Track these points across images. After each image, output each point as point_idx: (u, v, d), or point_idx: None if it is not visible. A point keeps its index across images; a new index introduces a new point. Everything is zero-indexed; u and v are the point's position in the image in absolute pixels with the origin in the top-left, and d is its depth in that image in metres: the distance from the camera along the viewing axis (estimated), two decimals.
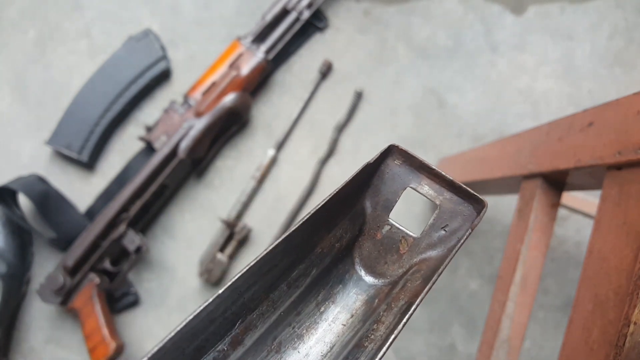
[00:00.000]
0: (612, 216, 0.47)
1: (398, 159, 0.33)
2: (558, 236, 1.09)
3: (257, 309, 0.31)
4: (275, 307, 0.32)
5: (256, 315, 0.31)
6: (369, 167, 0.32)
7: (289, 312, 0.33)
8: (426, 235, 0.34)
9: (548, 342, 1.07)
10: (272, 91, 1.16)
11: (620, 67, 1.14)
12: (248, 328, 0.31)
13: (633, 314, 0.40)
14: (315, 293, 0.34)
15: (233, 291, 0.29)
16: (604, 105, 0.50)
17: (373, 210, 0.35)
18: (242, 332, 0.31)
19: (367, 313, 0.34)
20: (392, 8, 1.18)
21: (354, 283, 0.35)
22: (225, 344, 0.30)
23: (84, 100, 1.10)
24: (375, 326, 0.32)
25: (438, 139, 1.13)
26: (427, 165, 0.32)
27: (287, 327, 0.33)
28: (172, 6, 1.18)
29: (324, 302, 0.34)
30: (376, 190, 0.34)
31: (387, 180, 0.34)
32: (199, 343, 0.29)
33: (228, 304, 0.29)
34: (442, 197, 0.33)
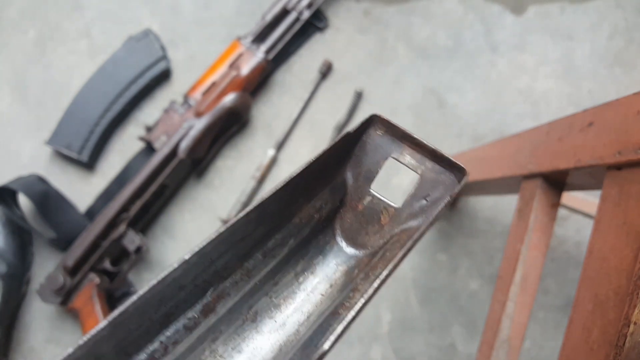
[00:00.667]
0: (612, 216, 0.46)
1: (380, 128, 0.33)
2: (558, 236, 1.09)
3: (230, 277, 0.31)
4: (250, 276, 0.32)
5: (229, 284, 0.31)
6: (350, 136, 0.32)
7: (266, 281, 0.32)
8: (407, 205, 0.33)
9: (548, 342, 1.07)
10: (272, 91, 1.16)
11: (620, 67, 1.14)
12: (220, 296, 0.31)
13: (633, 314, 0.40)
14: (293, 263, 0.34)
15: (202, 257, 0.28)
16: (604, 105, 0.50)
17: (354, 182, 0.34)
18: (215, 300, 0.30)
19: (346, 283, 0.33)
20: (392, 8, 1.18)
21: (334, 254, 0.35)
22: (196, 312, 0.30)
23: (84, 100, 1.10)
24: (352, 294, 0.32)
25: (438, 139, 1.13)
26: (409, 134, 0.32)
27: (264, 296, 0.32)
28: (172, 6, 1.18)
29: (302, 272, 0.34)
30: (358, 161, 0.34)
31: (368, 150, 0.33)
32: (167, 310, 0.28)
33: (198, 271, 0.29)
34: (423, 167, 0.32)
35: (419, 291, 1.07)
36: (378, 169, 0.33)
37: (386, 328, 1.06)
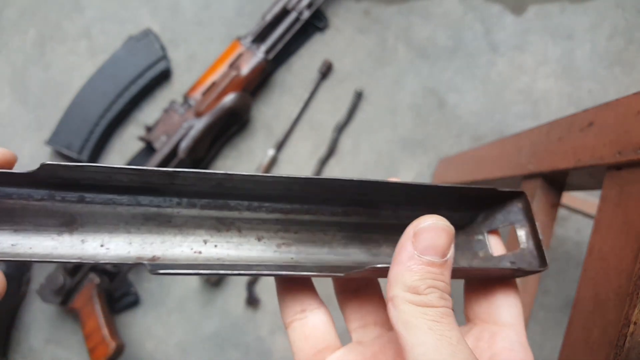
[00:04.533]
0: (612, 216, 0.46)
1: (521, 203, 0.40)
2: (558, 236, 1.09)
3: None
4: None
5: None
6: (495, 192, 0.39)
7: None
8: (498, 258, 0.40)
9: (548, 342, 1.07)
10: (272, 91, 1.16)
11: (620, 67, 1.14)
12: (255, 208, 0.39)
13: (633, 314, 0.40)
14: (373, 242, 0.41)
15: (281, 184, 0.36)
16: (604, 105, 0.50)
17: (482, 220, 0.41)
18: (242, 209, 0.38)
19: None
20: (392, 8, 1.18)
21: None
22: (242, 206, 0.38)
23: (84, 100, 1.10)
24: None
25: (438, 139, 1.13)
26: (534, 220, 0.39)
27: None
28: (172, 6, 1.18)
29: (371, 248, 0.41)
30: (493, 210, 0.41)
31: (504, 209, 0.41)
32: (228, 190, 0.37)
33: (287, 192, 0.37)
34: (526, 246, 0.39)
35: None
36: (499, 225, 0.41)
37: None
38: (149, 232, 0.35)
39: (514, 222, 0.40)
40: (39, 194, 0.34)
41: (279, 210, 0.38)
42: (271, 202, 0.38)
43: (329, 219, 0.39)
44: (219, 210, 0.37)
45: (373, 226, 0.40)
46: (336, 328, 0.38)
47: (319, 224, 0.39)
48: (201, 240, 0.36)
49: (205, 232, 0.37)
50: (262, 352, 1.06)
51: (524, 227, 0.39)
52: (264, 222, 0.38)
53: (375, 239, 0.40)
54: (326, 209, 0.39)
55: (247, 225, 0.38)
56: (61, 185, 0.34)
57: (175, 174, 0.33)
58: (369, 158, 1.13)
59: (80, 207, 0.35)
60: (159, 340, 1.07)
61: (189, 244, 0.36)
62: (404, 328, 0.28)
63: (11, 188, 0.34)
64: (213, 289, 1.08)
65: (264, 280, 1.09)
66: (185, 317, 1.08)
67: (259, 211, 0.38)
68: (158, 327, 1.07)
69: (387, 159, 1.13)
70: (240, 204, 0.37)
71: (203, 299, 1.08)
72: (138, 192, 0.35)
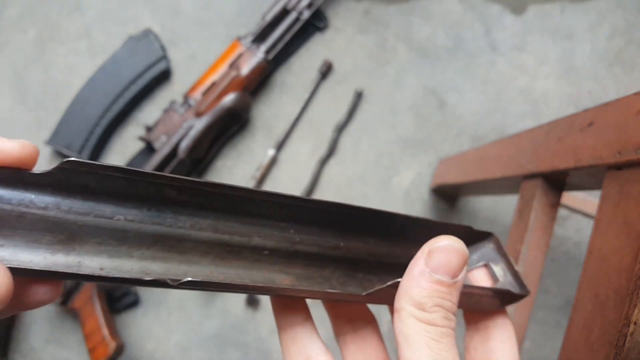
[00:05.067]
0: (612, 216, 0.47)
1: (493, 244, 0.42)
2: (558, 236, 1.09)
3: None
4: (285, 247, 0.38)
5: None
6: (470, 231, 0.41)
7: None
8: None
9: (548, 342, 1.07)
10: (272, 91, 1.16)
11: (620, 67, 1.14)
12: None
13: (633, 314, 0.40)
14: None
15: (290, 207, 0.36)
16: (604, 105, 0.50)
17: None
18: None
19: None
20: (392, 8, 1.18)
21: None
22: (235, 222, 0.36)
23: (84, 100, 1.10)
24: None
25: (438, 139, 1.13)
26: (509, 258, 0.41)
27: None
28: (172, 6, 1.18)
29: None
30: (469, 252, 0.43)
31: (477, 251, 0.43)
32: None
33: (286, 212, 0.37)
34: (504, 278, 0.41)
35: None
36: (476, 265, 0.42)
37: (386, 328, 1.06)
38: (152, 259, 0.33)
39: (488, 260, 0.42)
40: (44, 201, 0.29)
41: (287, 240, 0.37)
42: (281, 229, 0.37)
43: (334, 253, 0.39)
44: (230, 235, 0.35)
45: (369, 265, 0.41)
46: None
47: (322, 259, 0.39)
48: (207, 271, 0.34)
49: (210, 262, 0.35)
50: (262, 352, 1.06)
51: (498, 264, 0.42)
52: (271, 253, 0.37)
53: (370, 279, 0.41)
54: (330, 242, 0.39)
55: (253, 257, 0.36)
56: (71, 192, 0.30)
57: (202, 186, 0.31)
58: (369, 158, 1.13)
59: (85, 221, 0.31)
60: (159, 340, 1.07)
61: (193, 275, 0.33)
62: (405, 341, 0.29)
63: (14, 191, 0.29)
64: None
65: None
66: (185, 317, 1.08)
67: (268, 239, 0.36)
68: (158, 327, 1.07)
69: (387, 159, 1.13)
70: (251, 230, 0.36)
71: (203, 299, 1.08)
72: (154, 207, 0.32)
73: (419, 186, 1.12)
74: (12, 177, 0.28)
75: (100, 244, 0.31)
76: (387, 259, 0.41)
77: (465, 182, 0.92)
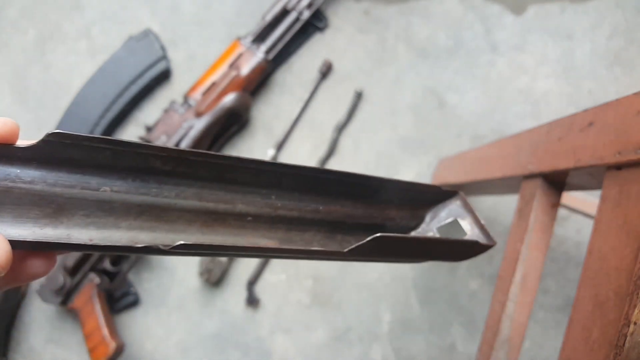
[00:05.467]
0: (612, 216, 0.47)
1: (460, 200, 0.46)
2: (558, 236, 1.09)
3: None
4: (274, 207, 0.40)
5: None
6: (437, 188, 0.44)
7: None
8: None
9: (548, 342, 1.07)
10: (272, 91, 1.16)
11: (620, 67, 1.14)
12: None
13: (633, 314, 0.40)
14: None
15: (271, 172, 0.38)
16: (604, 105, 0.50)
17: (430, 220, 0.47)
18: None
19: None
20: (392, 8, 1.18)
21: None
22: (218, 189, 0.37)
23: (84, 100, 1.10)
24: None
25: (438, 139, 1.13)
26: (475, 213, 0.45)
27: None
28: (172, 6, 1.18)
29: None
30: (436, 210, 0.46)
31: (445, 207, 0.46)
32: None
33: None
34: (472, 232, 0.44)
35: (419, 291, 1.07)
36: (445, 221, 0.46)
37: (386, 328, 1.06)
38: (139, 229, 0.33)
39: (456, 215, 0.45)
40: (30, 175, 0.29)
41: (269, 205, 0.38)
42: (263, 196, 0.38)
43: (314, 216, 0.41)
44: (215, 203, 0.36)
45: (347, 226, 0.43)
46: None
47: (303, 223, 0.40)
48: (194, 238, 0.35)
49: (197, 230, 0.35)
50: (262, 352, 1.07)
51: (466, 218, 0.45)
52: (255, 219, 0.38)
53: (348, 239, 0.43)
54: (310, 206, 0.40)
55: (238, 223, 0.37)
56: (57, 165, 0.30)
57: (186, 155, 0.32)
58: (369, 158, 1.13)
59: (72, 194, 0.31)
60: (159, 340, 1.07)
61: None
62: None
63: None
64: (213, 289, 1.08)
65: (264, 280, 1.09)
66: (185, 317, 1.08)
67: (251, 205, 0.38)
68: (158, 327, 1.07)
69: (387, 159, 1.13)
70: (235, 197, 0.37)
71: (203, 299, 1.08)
72: (139, 178, 0.33)
73: None
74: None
75: (87, 216, 0.31)
76: (363, 219, 0.43)
77: (465, 182, 0.92)
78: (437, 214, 0.46)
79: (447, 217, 0.45)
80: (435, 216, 0.46)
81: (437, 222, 0.46)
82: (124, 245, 0.30)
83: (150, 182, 0.33)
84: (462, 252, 0.43)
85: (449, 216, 0.45)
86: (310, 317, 1.05)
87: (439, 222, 0.46)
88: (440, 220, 0.46)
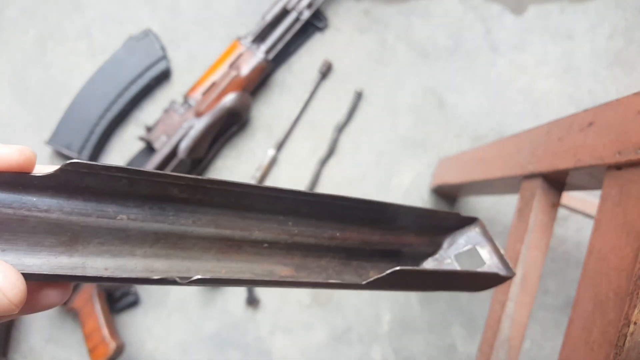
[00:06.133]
0: (612, 216, 0.47)
1: (479, 228, 0.45)
2: (558, 236, 1.09)
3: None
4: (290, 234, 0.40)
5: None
6: (457, 215, 0.44)
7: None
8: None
9: (548, 342, 1.07)
10: (272, 91, 1.16)
11: (620, 67, 1.14)
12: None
13: (633, 314, 0.40)
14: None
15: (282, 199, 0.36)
16: (604, 105, 0.50)
17: (448, 246, 0.46)
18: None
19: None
20: (391, 8, 1.18)
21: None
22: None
23: (84, 100, 1.10)
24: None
25: (438, 138, 1.13)
26: (493, 241, 0.44)
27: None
28: (172, 6, 1.18)
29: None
30: (455, 237, 0.46)
31: (463, 234, 0.45)
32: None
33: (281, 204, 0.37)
34: (490, 261, 0.43)
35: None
36: (464, 248, 0.45)
37: (386, 328, 1.06)
38: (154, 256, 0.33)
39: (475, 243, 0.44)
40: (46, 203, 0.29)
41: (286, 232, 0.38)
42: (280, 223, 0.37)
43: (330, 243, 0.40)
44: (231, 230, 0.36)
45: (363, 252, 0.42)
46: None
47: (319, 250, 0.40)
48: (209, 266, 0.34)
49: (212, 257, 0.35)
50: (262, 352, 1.07)
51: (485, 247, 0.44)
52: (271, 245, 0.37)
53: (364, 266, 0.42)
54: (327, 232, 0.40)
55: (254, 250, 0.37)
56: (74, 194, 0.30)
57: (203, 183, 0.32)
58: (369, 158, 1.13)
59: (88, 222, 0.30)
60: (159, 340, 1.07)
61: (196, 270, 0.34)
62: None
63: (15, 194, 0.28)
64: (213, 290, 1.08)
65: None
66: (185, 317, 1.08)
67: (268, 232, 0.37)
68: (158, 327, 1.07)
69: (387, 158, 1.13)
70: (252, 224, 0.36)
71: (203, 299, 1.08)
72: (156, 205, 0.32)
73: (419, 186, 1.12)
74: (12, 180, 0.27)
75: (102, 244, 0.31)
76: (380, 246, 0.42)
77: (465, 182, 0.92)
78: (455, 240, 0.45)
79: (465, 244, 0.45)
80: (453, 242, 0.45)
81: (455, 249, 0.45)
82: (140, 277, 0.30)
83: (167, 210, 0.33)
84: (482, 284, 0.42)
85: (468, 243, 0.45)
86: (310, 317, 1.05)
87: (457, 249, 0.45)
88: (458, 247, 0.45)
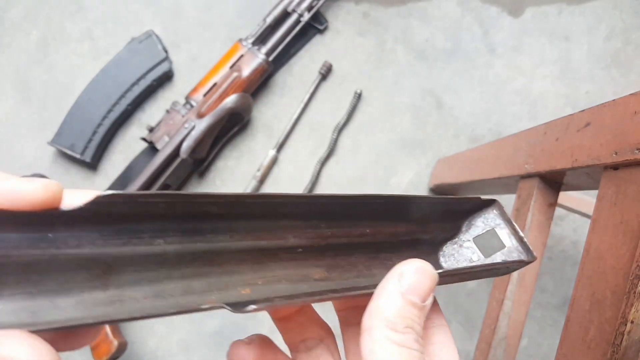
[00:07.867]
0: (608, 215, 0.47)
1: (497, 210, 0.44)
2: (555, 235, 1.10)
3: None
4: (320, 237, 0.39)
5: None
6: (477, 199, 0.43)
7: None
8: (492, 259, 0.43)
9: (545, 340, 1.08)
10: (272, 92, 1.17)
11: (617, 68, 1.15)
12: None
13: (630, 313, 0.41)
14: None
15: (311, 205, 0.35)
16: (600, 105, 0.51)
17: (466, 229, 0.45)
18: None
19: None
20: (391, 10, 1.19)
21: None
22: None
23: (87, 101, 1.10)
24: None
25: (436, 139, 1.14)
26: (512, 222, 0.43)
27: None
28: (174, 8, 1.19)
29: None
30: (472, 220, 0.45)
31: (481, 217, 0.45)
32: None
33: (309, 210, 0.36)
34: (510, 243, 0.43)
35: None
36: (482, 231, 0.44)
37: None
38: (192, 276, 0.31)
39: (494, 226, 0.44)
40: (76, 238, 0.26)
41: (320, 235, 0.37)
42: (313, 227, 0.37)
43: (360, 240, 0.40)
44: (267, 240, 0.35)
45: (390, 245, 0.42)
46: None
47: (350, 247, 0.40)
48: (246, 278, 0.33)
49: (249, 268, 0.34)
50: None
51: (504, 229, 0.43)
52: (305, 249, 0.37)
53: (389, 257, 0.42)
54: (358, 230, 0.40)
55: (288, 256, 0.36)
56: (106, 225, 0.27)
57: (243, 198, 0.30)
58: (368, 158, 1.14)
59: (122, 251, 0.27)
60: (161, 338, 1.08)
61: (234, 286, 0.33)
62: None
63: (42, 233, 0.25)
64: None
65: None
66: (187, 315, 1.08)
67: (303, 237, 0.36)
68: (160, 325, 1.08)
69: (386, 159, 1.14)
70: (287, 231, 0.35)
71: None
72: (193, 225, 0.30)
73: (418, 186, 1.13)
74: (38, 218, 0.24)
75: (138, 272, 0.28)
76: (405, 236, 0.43)
77: (463, 182, 0.92)
78: (473, 222, 0.45)
79: (484, 226, 0.44)
80: (471, 225, 0.45)
81: (474, 231, 0.45)
82: (190, 308, 0.28)
83: (204, 228, 0.31)
84: (505, 270, 0.42)
85: (486, 226, 0.44)
86: None
87: (476, 231, 0.45)
88: (476, 230, 0.45)
